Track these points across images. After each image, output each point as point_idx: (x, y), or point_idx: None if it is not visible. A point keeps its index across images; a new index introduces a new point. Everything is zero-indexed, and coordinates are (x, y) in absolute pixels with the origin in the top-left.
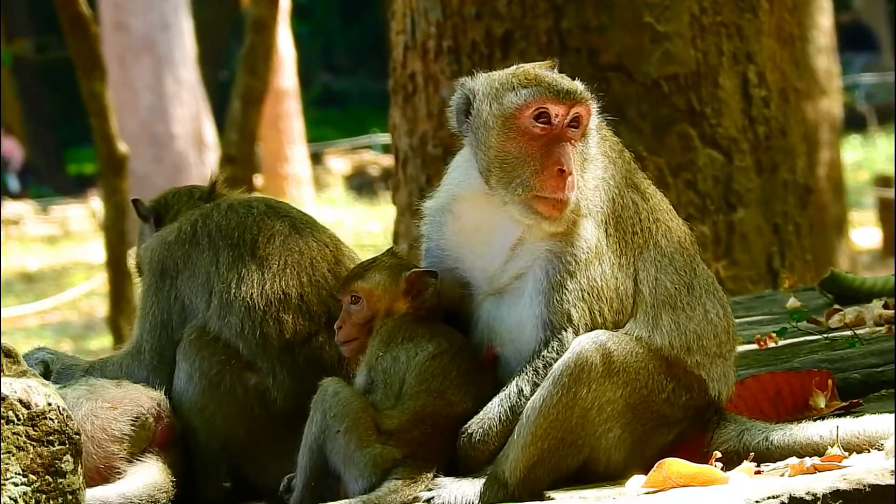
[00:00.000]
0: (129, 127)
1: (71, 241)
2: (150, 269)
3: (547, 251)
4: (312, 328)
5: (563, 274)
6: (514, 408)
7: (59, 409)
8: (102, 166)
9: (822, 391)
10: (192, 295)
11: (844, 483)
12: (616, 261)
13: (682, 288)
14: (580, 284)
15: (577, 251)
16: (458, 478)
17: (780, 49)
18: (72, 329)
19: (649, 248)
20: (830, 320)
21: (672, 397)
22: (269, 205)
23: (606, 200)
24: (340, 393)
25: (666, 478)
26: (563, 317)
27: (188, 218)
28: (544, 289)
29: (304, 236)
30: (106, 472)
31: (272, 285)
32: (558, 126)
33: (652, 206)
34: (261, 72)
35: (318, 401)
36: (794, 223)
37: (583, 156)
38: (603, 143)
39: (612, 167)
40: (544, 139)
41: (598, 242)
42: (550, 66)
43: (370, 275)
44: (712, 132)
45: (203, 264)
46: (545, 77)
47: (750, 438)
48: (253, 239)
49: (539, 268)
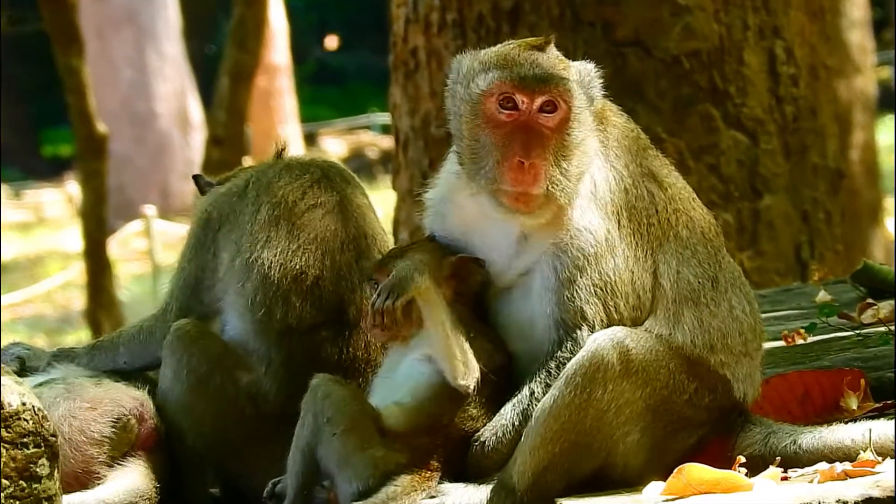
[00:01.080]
0: (108, 105)
1: (46, 228)
2: (196, 221)
3: (552, 245)
4: (319, 318)
5: (573, 270)
6: (526, 412)
7: (34, 409)
8: (80, 147)
9: (854, 391)
10: (224, 249)
11: (877, 490)
12: (631, 254)
13: (706, 282)
14: (592, 280)
15: (583, 244)
16: (464, 484)
17: (810, 23)
18: (46, 323)
19: (669, 240)
20: (863, 315)
21: (694, 398)
22: (326, 174)
23: (618, 191)
24: (333, 394)
25: (686, 484)
26: (576, 315)
27: (244, 173)
28: (553, 286)
29: (347, 217)
30: (85, 477)
31: (293, 258)
32: (526, 112)
33: (671, 196)
34: (251, 46)
35: (308, 401)
36: (824, 210)
37: (565, 143)
38: (612, 129)
39: (624, 155)
40: (510, 126)
41: (609, 235)
42: (544, 43)
43: (412, 254)
44: (737, 112)
45: (244, 219)
46: (516, 59)
47: (776, 442)
48: (294, 202)
49: (546, 264)
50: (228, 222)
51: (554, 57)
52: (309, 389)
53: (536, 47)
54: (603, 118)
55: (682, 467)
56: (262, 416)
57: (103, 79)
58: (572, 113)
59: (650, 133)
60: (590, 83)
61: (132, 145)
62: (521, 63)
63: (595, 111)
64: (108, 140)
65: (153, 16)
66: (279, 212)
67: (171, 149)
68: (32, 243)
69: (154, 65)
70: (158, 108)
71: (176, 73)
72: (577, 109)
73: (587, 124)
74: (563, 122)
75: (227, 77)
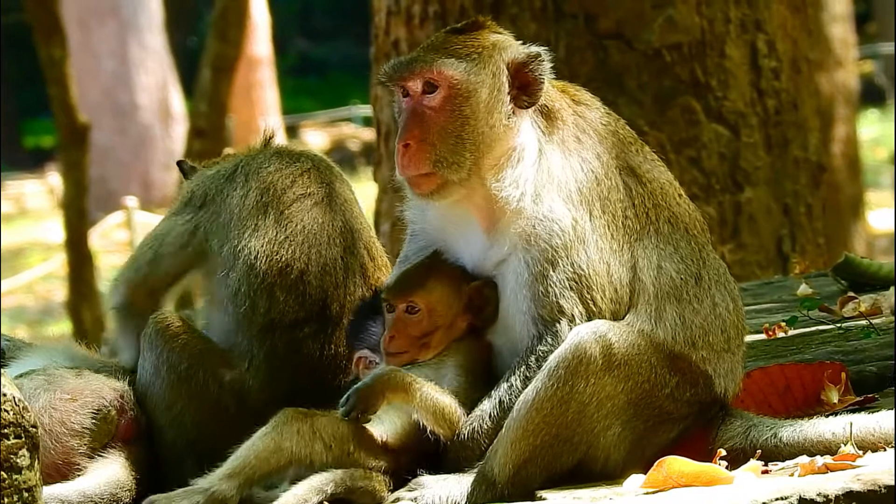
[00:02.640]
0: (90, 96)
1: (27, 219)
2: (178, 199)
3: (517, 235)
4: (301, 314)
5: (544, 263)
6: (503, 403)
7: (14, 399)
8: (62, 138)
9: (835, 385)
10: (213, 233)
11: (858, 484)
12: (606, 245)
13: (689, 278)
14: (565, 273)
15: (549, 234)
16: (443, 476)
17: (792, 16)
18: (28, 314)
19: (649, 235)
20: (844, 309)
21: (675, 393)
22: (317, 165)
23: (586, 181)
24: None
25: (666, 477)
26: (553, 309)
27: (233, 158)
28: (527, 281)
29: (334, 210)
30: (65, 469)
31: (279, 250)
32: (415, 97)
33: (651, 191)
34: (232, 38)
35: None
36: (805, 204)
37: (454, 119)
38: (575, 118)
39: (596, 145)
40: (404, 113)
41: (577, 224)
42: (467, 25)
43: (432, 285)
44: (718, 105)
45: (232, 203)
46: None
47: (757, 435)
48: (283, 189)
49: (517, 258)
50: (214, 203)
51: (466, 38)
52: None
53: (456, 30)
54: (569, 105)
55: (663, 460)
56: (243, 413)
57: (85, 70)
58: (455, 90)
59: (632, 126)
60: (520, 64)
61: (114, 137)
62: (411, 52)
63: (532, 92)
64: (89, 131)
65: (135, 7)
66: (267, 198)
67: (153, 140)
68: (14, 234)
69: (136, 56)
70: (140, 100)
71: (158, 64)
72: (466, 85)
73: (493, 101)
74: (447, 100)
75: (209, 69)
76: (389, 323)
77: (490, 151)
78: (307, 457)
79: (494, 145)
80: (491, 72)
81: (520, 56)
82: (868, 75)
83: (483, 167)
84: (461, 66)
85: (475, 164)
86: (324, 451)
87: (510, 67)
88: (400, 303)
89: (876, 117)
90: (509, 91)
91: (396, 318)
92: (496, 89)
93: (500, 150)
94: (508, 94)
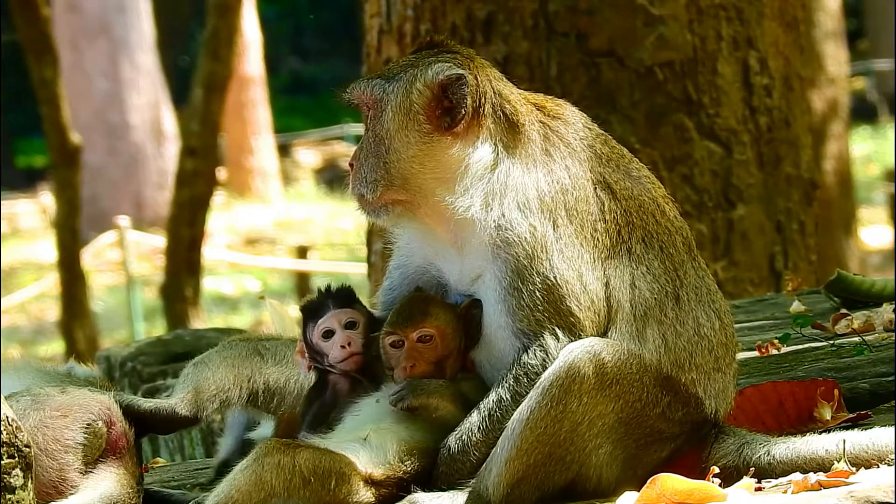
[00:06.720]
0: (82, 116)
1: (19, 239)
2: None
3: (481, 246)
4: None
5: (513, 276)
6: (492, 416)
7: (7, 419)
8: (54, 158)
9: (828, 402)
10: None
11: (852, 501)
12: (573, 254)
13: (667, 299)
14: (534, 284)
15: (508, 245)
16: (437, 494)
17: (784, 33)
18: (20, 334)
19: (620, 254)
20: (837, 326)
21: (667, 412)
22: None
23: (550, 191)
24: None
25: (660, 495)
26: (531, 322)
27: None
28: (501, 297)
29: None
30: (62, 486)
31: None
32: (367, 118)
33: (625, 208)
34: (224, 57)
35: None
36: (798, 221)
37: (373, 138)
38: (560, 130)
39: (564, 158)
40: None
41: (536, 232)
42: (421, 44)
43: (436, 311)
44: (710, 123)
45: None
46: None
47: (750, 453)
48: None
49: (490, 272)
50: None
51: (405, 58)
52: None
53: (415, 49)
54: (541, 120)
55: (656, 477)
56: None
57: (77, 90)
58: (374, 110)
59: (623, 143)
60: (440, 86)
61: (106, 156)
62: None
63: (454, 115)
64: (81, 151)
65: (127, 27)
66: None
67: (145, 160)
68: (6, 254)
69: (128, 76)
70: (132, 119)
71: (149, 84)
72: (381, 105)
73: (404, 120)
74: (370, 120)
75: (201, 88)
76: (402, 355)
77: (423, 169)
78: (284, 491)
79: (426, 162)
80: (404, 91)
81: (439, 78)
82: (860, 92)
83: (424, 184)
84: (383, 86)
85: (406, 182)
86: (302, 486)
87: (431, 88)
88: (411, 333)
89: (868, 134)
90: (432, 111)
91: (409, 349)
92: (407, 109)
93: (441, 167)
94: (424, 115)
